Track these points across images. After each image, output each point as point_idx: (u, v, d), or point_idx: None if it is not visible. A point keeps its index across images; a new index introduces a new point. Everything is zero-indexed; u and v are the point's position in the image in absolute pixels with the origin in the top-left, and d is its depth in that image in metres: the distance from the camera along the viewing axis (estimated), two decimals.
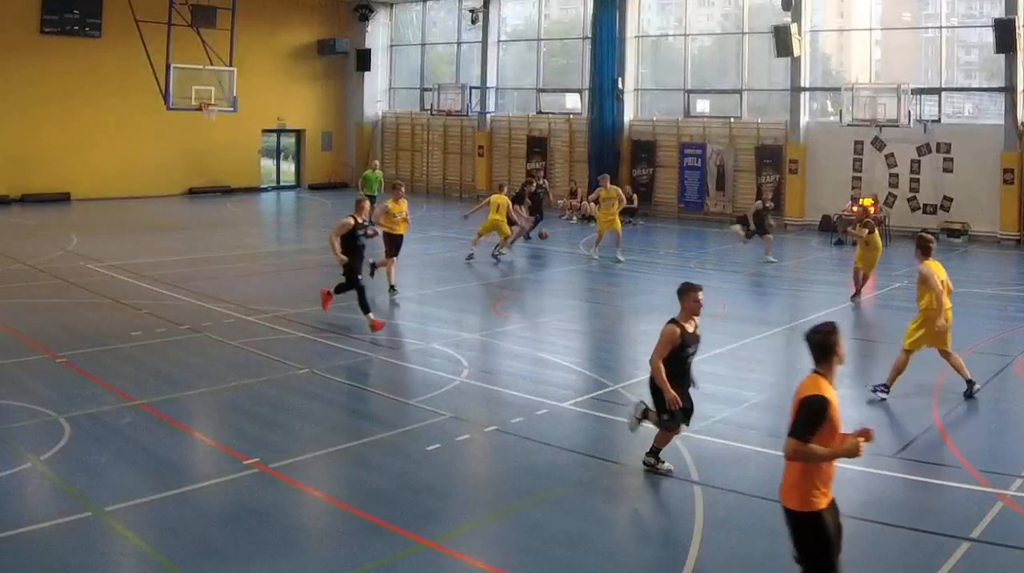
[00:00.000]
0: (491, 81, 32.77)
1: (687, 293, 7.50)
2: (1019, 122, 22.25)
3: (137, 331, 12.53)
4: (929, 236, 10.18)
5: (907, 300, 15.95)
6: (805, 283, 17.82)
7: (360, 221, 12.91)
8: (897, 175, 24.20)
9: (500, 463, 8.30)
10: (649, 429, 7.95)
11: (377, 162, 29.97)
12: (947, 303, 9.68)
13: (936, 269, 9.86)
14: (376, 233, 14.83)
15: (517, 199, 21.47)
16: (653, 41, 30.08)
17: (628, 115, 29.13)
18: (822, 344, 5.38)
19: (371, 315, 12.73)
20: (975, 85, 24.44)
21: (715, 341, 12.63)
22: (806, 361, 11.02)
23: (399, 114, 36.31)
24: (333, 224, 13.14)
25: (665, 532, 6.85)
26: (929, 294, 9.68)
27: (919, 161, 23.86)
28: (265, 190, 34.56)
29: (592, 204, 19.94)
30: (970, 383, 9.87)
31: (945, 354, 9.93)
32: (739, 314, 14.48)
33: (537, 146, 31.47)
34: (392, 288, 15.40)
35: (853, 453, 4.90)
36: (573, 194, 28.15)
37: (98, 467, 7.76)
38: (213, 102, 25.41)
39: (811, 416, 4.92)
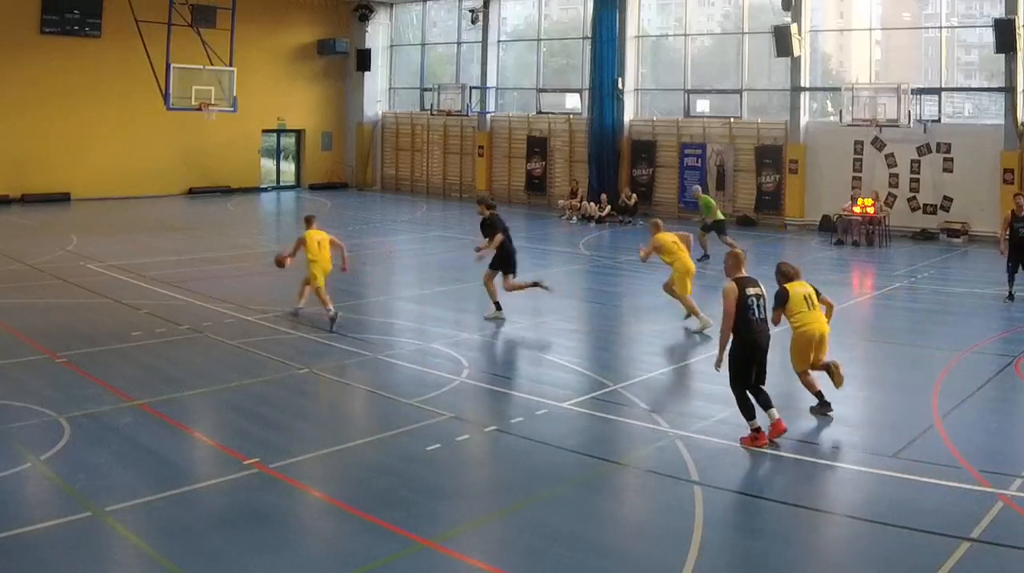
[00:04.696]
0: (491, 81, 32.78)
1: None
2: (1019, 122, 22.25)
3: (137, 331, 12.53)
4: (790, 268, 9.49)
5: (906, 300, 16.01)
6: None
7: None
8: (897, 175, 24.19)
9: (500, 463, 8.30)
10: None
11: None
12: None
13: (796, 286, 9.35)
14: None
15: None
16: (653, 41, 30.08)
17: (628, 115, 29.12)
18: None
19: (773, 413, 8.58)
20: (975, 85, 24.43)
21: (716, 341, 12.62)
22: None
23: (399, 114, 36.31)
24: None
25: (665, 532, 6.84)
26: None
27: (919, 161, 23.86)
28: (265, 190, 34.57)
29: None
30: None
31: None
32: None
33: (537, 146, 31.47)
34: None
35: None
36: (573, 194, 28.17)
37: (98, 467, 7.76)
38: (213, 102, 25.42)
39: None
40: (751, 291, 8.61)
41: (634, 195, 27.06)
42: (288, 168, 36.52)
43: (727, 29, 28.45)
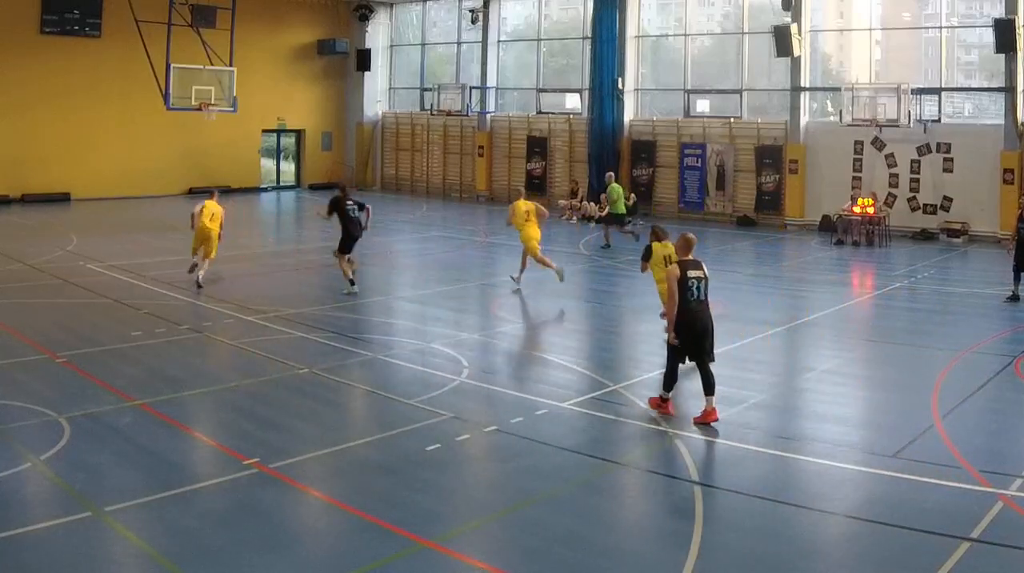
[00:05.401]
0: (491, 81, 32.79)
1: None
2: (1019, 122, 22.26)
3: (137, 331, 12.53)
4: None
5: (906, 300, 16.01)
6: (805, 283, 17.83)
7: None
8: (897, 175, 24.20)
9: (500, 463, 8.29)
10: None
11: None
12: None
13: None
14: None
15: None
16: (653, 41, 30.09)
17: (628, 115, 29.13)
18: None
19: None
20: (975, 85, 24.44)
21: (715, 341, 12.62)
22: (806, 361, 11.12)
23: (399, 114, 36.32)
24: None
25: (665, 532, 6.85)
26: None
27: (919, 161, 23.87)
28: (265, 190, 34.57)
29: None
30: None
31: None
32: (739, 314, 14.47)
33: (537, 146, 31.47)
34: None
35: None
36: (573, 194, 28.16)
37: (98, 467, 7.75)
38: (213, 102, 25.42)
39: None
40: (693, 274, 9.16)
41: (632, 195, 27.05)
42: (288, 168, 36.53)
43: (727, 29, 28.46)
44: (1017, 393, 10.50)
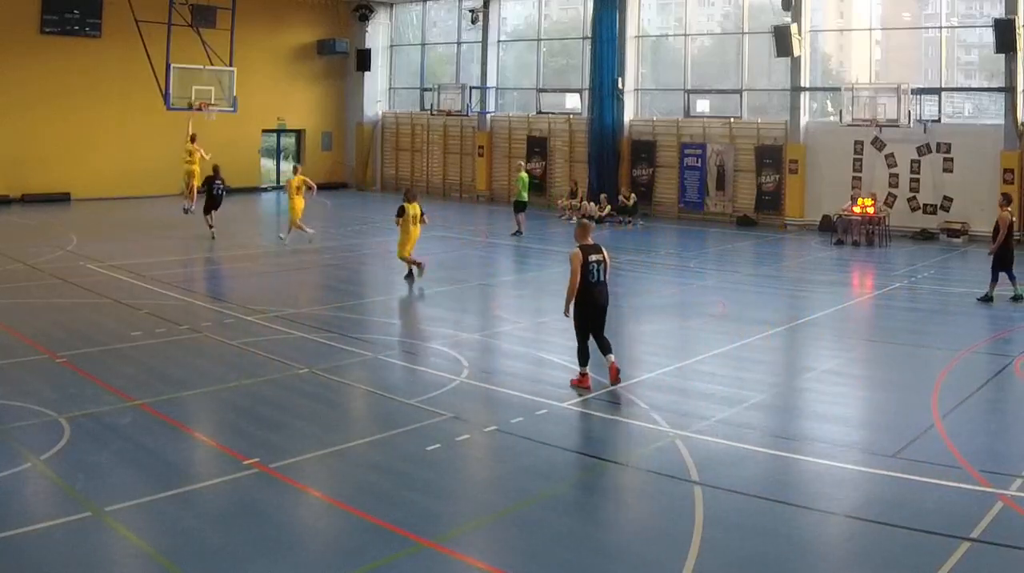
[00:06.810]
0: (491, 81, 32.79)
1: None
2: (1019, 122, 22.26)
3: (137, 331, 12.53)
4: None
5: (906, 300, 16.02)
6: (805, 283, 17.83)
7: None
8: (897, 175, 24.21)
9: (500, 463, 8.29)
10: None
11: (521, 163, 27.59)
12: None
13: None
14: None
15: None
16: (653, 41, 30.09)
17: (628, 115, 29.13)
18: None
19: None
20: (975, 85, 24.45)
21: (715, 341, 12.65)
22: (806, 362, 11.16)
23: (399, 114, 36.32)
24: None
25: (665, 532, 6.84)
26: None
27: (919, 161, 23.87)
28: (265, 190, 34.55)
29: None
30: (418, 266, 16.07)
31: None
32: (739, 314, 14.49)
33: (537, 146, 31.48)
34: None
35: None
36: (573, 194, 28.17)
37: (98, 467, 7.75)
38: (213, 102, 25.41)
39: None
40: (593, 258, 10.00)
41: (632, 195, 27.07)
42: (288, 168, 36.45)
43: (727, 29, 28.46)
44: (1017, 393, 10.51)
